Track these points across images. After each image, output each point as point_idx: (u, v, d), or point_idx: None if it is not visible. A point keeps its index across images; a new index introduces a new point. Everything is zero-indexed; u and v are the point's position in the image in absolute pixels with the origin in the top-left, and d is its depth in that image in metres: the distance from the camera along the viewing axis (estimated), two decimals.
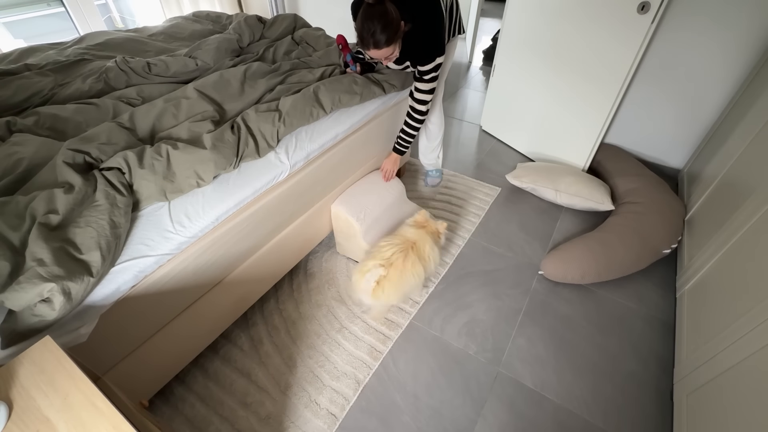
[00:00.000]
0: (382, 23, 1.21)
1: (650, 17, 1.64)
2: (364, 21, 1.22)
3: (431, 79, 1.48)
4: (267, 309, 1.56)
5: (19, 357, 0.69)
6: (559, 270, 1.64)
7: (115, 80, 1.53)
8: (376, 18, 1.21)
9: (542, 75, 2.16)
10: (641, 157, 2.36)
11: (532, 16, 2.07)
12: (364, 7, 1.23)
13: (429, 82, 1.49)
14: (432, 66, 1.44)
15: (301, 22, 2.16)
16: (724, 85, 1.95)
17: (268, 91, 1.53)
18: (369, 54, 1.31)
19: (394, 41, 1.27)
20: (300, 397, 1.30)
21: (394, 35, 1.25)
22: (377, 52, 1.28)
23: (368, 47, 1.27)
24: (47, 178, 1.06)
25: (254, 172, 1.24)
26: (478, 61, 3.82)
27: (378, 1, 1.21)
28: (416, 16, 1.32)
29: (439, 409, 1.28)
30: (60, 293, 0.80)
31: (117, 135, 1.21)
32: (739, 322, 1.07)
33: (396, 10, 1.24)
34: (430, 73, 1.46)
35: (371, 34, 1.23)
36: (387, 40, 1.24)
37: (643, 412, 1.28)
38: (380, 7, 1.21)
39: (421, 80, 1.50)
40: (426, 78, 1.48)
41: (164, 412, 1.26)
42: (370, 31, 1.22)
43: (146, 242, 1.00)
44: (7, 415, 0.62)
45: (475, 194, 2.16)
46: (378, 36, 1.23)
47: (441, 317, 1.55)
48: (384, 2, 1.22)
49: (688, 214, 1.82)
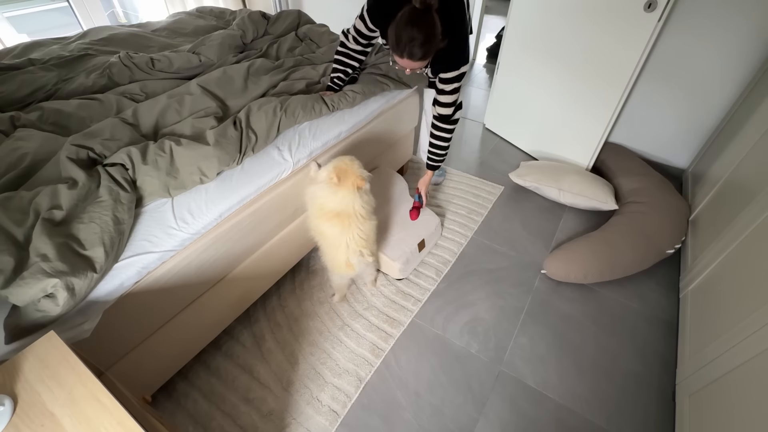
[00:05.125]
0: (426, 35, 1.09)
1: (657, 16, 1.63)
2: (407, 26, 1.09)
3: (453, 90, 1.38)
4: (269, 306, 1.56)
5: (23, 352, 0.69)
6: (561, 269, 1.64)
7: (118, 76, 1.53)
8: (422, 27, 1.08)
9: (546, 73, 2.14)
10: (646, 156, 2.35)
11: (537, 14, 2.05)
12: (410, 11, 1.08)
13: (451, 94, 1.39)
14: (456, 74, 1.34)
15: (305, 18, 2.16)
16: (730, 85, 1.94)
17: (272, 87, 1.52)
18: (398, 61, 1.18)
19: (429, 57, 1.15)
20: (302, 393, 1.30)
21: (432, 51, 1.14)
22: (409, 62, 1.16)
23: (402, 55, 1.14)
24: (51, 174, 1.07)
25: (257, 169, 1.23)
26: (482, 59, 3.80)
27: (427, 9, 1.07)
28: (453, 31, 1.20)
29: (440, 407, 1.28)
30: (64, 289, 0.80)
31: (120, 131, 1.21)
32: (743, 323, 1.07)
33: (440, 24, 1.12)
34: (453, 82, 1.36)
35: (410, 43, 1.10)
36: (424, 55, 1.13)
37: (644, 413, 1.28)
38: (428, 16, 1.08)
39: (443, 92, 1.39)
40: (448, 89, 1.38)
41: (167, 407, 1.27)
42: (411, 39, 1.09)
43: (149, 238, 1.00)
44: (13, 409, 0.62)
45: (478, 192, 2.16)
46: (416, 48, 1.10)
47: (443, 315, 1.55)
48: (431, 11, 1.08)
49: (692, 215, 1.81)
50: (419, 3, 1.07)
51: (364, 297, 1.60)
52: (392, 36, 1.14)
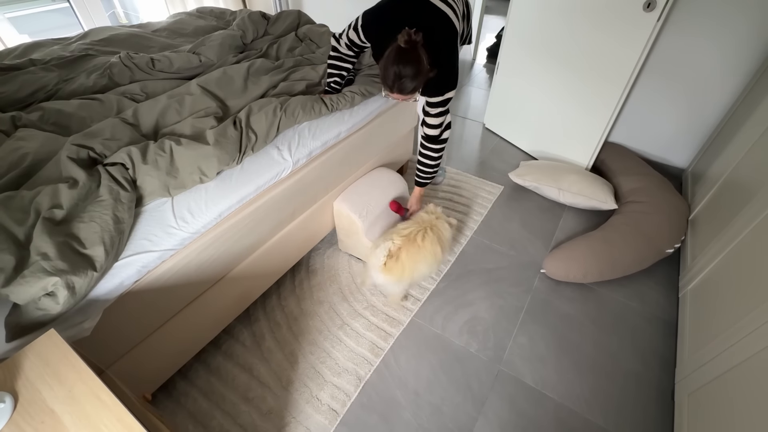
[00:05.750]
0: (413, 71, 1.12)
1: (656, 15, 1.63)
2: (395, 64, 1.12)
3: (438, 114, 1.41)
4: (269, 305, 1.56)
5: (24, 350, 0.69)
6: (561, 269, 1.64)
7: (119, 76, 1.53)
8: (408, 64, 1.12)
9: (546, 73, 2.14)
10: (645, 156, 2.35)
11: (537, 14, 2.05)
12: (396, 49, 1.12)
13: (437, 116, 1.42)
14: (441, 99, 1.37)
15: (305, 18, 2.16)
16: (729, 84, 1.94)
17: (271, 87, 1.53)
18: (387, 94, 1.23)
19: (419, 89, 1.19)
20: (301, 392, 1.31)
21: (420, 83, 1.18)
22: (399, 96, 1.20)
23: (392, 91, 1.18)
24: (52, 173, 1.07)
25: (257, 168, 1.24)
26: (482, 59, 3.81)
27: (412, 47, 1.11)
28: (440, 61, 1.22)
29: (439, 406, 1.29)
30: (64, 287, 0.81)
31: (121, 131, 1.22)
32: (742, 322, 1.07)
33: (427, 57, 1.14)
34: (438, 106, 1.39)
35: (399, 80, 1.14)
36: (413, 88, 1.16)
37: (643, 412, 1.28)
38: (414, 53, 1.11)
39: (429, 114, 1.42)
40: (433, 113, 1.41)
41: (167, 406, 1.27)
42: (399, 76, 1.13)
43: (149, 237, 1.01)
44: (13, 406, 0.62)
45: (478, 192, 2.16)
46: (406, 84, 1.14)
47: (442, 315, 1.55)
48: (417, 48, 1.11)
49: (691, 214, 1.81)
50: (404, 42, 1.10)
51: (364, 296, 1.61)
52: (381, 71, 1.18)
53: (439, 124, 1.45)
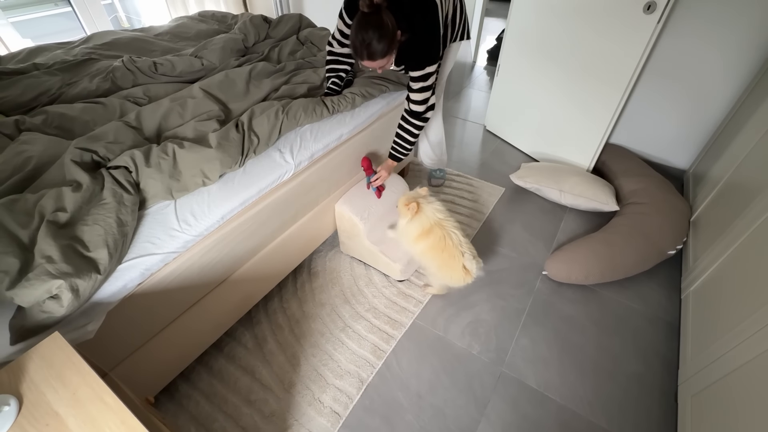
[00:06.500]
0: (378, 34, 1.15)
1: (656, 17, 1.64)
2: (359, 31, 1.16)
3: (421, 89, 1.40)
4: (271, 307, 1.57)
5: (28, 352, 0.70)
6: (563, 270, 1.64)
7: (121, 79, 1.54)
8: (372, 28, 1.14)
9: (547, 75, 2.15)
10: (646, 157, 2.35)
11: (537, 16, 2.06)
12: (359, 16, 1.16)
13: (419, 92, 1.41)
14: (422, 74, 1.36)
15: (306, 22, 2.17)
16: (730, 85, 1.94)
17: (273, 90, 1.53)
18: (362, 64, 1.25)
19: (389, 53, 1.20)
20: (304, 395, 1.31)
21: (389, 47, 1.19)
22: (371, 63, 1.22)
23: (362, 58, 1.21)
24: (55, 177, 1.08)
25: (259, 171, 1.24)
26: (482, 61, 3.82)
27: (374, 11, 1.14)
28: (414, 25, 1.25)
29: (442, 408, 1.28)
30: (68, 290, 0.81)
31: (124, 134, 1.22)
32: (745, 323, 1.07)
33: (393, 20, 1.17)
34: (420, 81, 1.38)
35: (366, 45, 1.16)
36: (381, 51, 1.18)
37: (646, 413, 1.27)
38: (376, 17, 1.14)
39: (411, 89, 1.42)
40: (415, 87, 1.40)
41: (169, 408, 1.27)
42: (364, 42, 1.16)
43: (152, 240, 1.01)
44: (18, 409, 0.63)
45: (478, 194, 2.16)
46: (373, 47, 1.16)
47: (444, 317, 1.55)
48: (380, 12, 1.14)
49: (693, 215, 1.81)
50: (366, 7, 1.13)
51: (366, 298, 1.61)
52: (351, 44, 1.21)
53: (423, 99, 1.44)
